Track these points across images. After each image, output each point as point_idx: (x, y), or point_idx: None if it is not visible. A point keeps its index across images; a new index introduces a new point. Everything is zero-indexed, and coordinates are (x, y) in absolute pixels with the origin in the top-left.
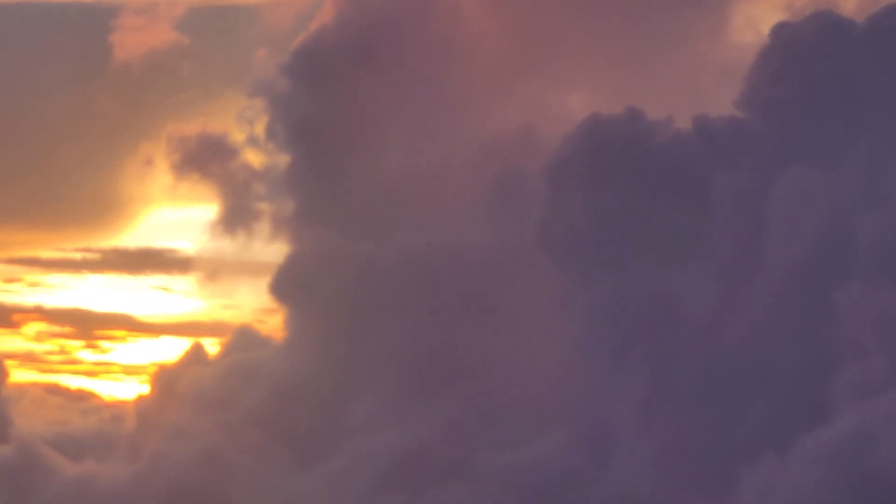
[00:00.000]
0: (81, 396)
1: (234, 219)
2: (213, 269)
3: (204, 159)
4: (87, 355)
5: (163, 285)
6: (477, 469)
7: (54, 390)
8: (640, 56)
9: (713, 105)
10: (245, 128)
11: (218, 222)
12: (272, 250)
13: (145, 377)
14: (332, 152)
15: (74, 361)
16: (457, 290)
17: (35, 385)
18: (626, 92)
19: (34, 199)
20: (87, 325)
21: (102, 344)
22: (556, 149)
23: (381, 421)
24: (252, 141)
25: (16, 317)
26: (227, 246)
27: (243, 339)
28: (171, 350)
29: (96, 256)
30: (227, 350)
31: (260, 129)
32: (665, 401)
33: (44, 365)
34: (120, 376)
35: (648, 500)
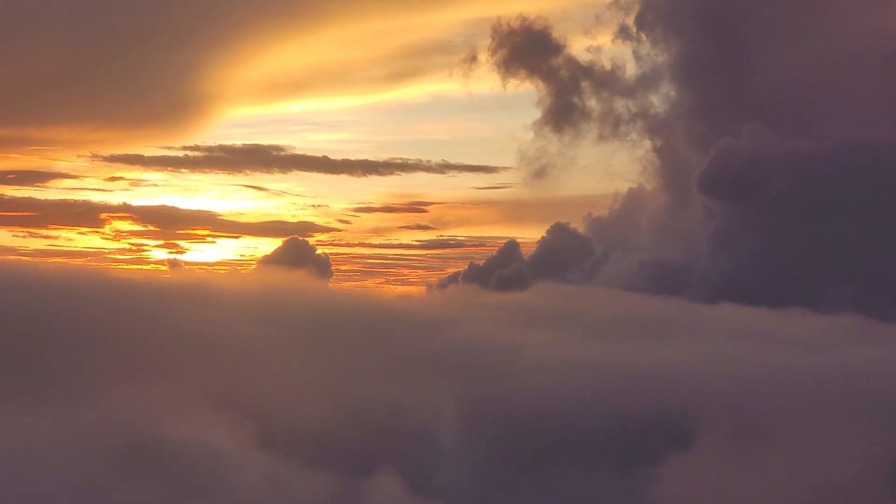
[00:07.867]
0: None
1: (562, 117)
2: (540, 167)
3: (529, 54)
4: (158, 254)
5: (257, 184)
6: None
7: None
8: None
9: None
10: (617, 15)
11: (544, 121)
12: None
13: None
14: (731, 45)
15: (142, 261)
16: None
17: None
18: None
19: (137, 98)
20: (170, 223)
21: (180, 244)
22: None
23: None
24: (623, 31)
25: (103, 215)
26: (551, 144)
27: (558, 235)
28: (242, 251)
29: (198, 154)
30: (544, 246)
31: (630, 20)
32: None
33: (111, 264)
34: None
35: None
